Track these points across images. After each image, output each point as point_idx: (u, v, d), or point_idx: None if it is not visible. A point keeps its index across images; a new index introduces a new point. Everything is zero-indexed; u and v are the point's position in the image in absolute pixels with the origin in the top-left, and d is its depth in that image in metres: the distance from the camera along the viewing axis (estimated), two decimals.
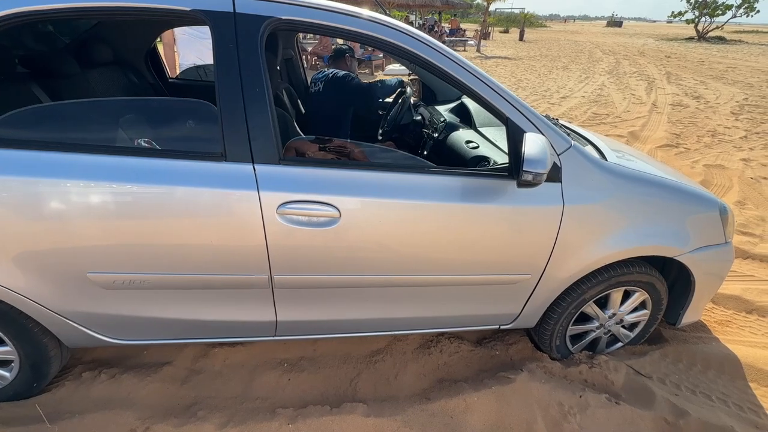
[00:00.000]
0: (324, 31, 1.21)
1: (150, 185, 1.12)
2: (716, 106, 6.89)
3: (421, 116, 2.30)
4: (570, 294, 1.53)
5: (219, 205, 1.16)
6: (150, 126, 1.29)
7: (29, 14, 1.05)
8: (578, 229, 1.37)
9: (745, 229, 2.93)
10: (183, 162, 1.14)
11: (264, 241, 1.20)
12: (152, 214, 1.14)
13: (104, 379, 1.52)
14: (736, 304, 2.17)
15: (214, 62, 1.12)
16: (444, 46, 1.29)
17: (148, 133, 1.26)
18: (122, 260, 1.18)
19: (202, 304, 1.32)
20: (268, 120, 1.15)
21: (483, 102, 1.28)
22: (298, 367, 1.67)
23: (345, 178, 1.23)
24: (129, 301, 1.27)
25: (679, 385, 1.66)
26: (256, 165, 1.16)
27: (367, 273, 1.33)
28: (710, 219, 1.56)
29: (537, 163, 1.13)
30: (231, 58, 1.12)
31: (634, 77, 9.99)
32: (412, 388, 1.62)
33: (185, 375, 1.60)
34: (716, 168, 4.12)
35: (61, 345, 1.39)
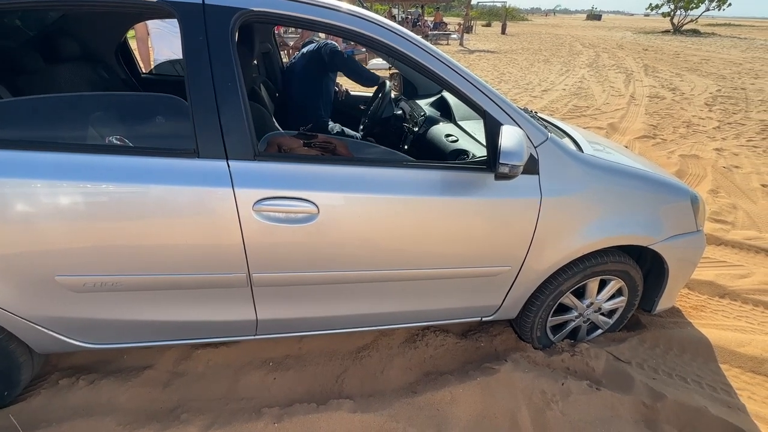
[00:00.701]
0: (299, 24, 1.19)
1: (120, 184, 1.09)
2: (691, 98, 7.08)
3: (401, 110, 2.30)
4: (549, 284, 1.56)
5: (192, 204, 1.13)
6: (119, 122, 1.25)
7: None
8: (556, 220, 1.40)
9: (718, 217, 3.03)
10: (154, 159, 1.11)
11: (241, 239, 1.18)
12: (122, 214, 1.11)
13: (82, 386, 1.48)
14: (709, 289, 2.25)
15: (183, 56, 1.09)
16: (422, 40, 1.28)
17: (118, 130, 1.22)
18: (92, 262, 1.14)
19: (179, 305, 1.29)
20: (242, 115, 1.12)
21: (461, 95, 1.28)
22: (284, 365, 1.66)
23: (322, 173, 1.21)
24: (101, 303, 1.23)
25: (656, 369, 1.71)
26: (230, 161, 1.13)
27: (348, 269, 1.32)
28: (682, 208, 1.60)
29: (513, 155, 1.14)
30: (201, 51, 1.08)
31: (613, 70, 10.18)
32: (398, 382, 1.63)
33: (167, 378, 1.57)
34: (691, 158, 4.25)
35: (32, 351, 1.34)
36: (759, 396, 1.62)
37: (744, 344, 1.83)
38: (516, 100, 6.77)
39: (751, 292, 2.20)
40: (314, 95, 2.44)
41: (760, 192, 3.49)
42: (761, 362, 1.74)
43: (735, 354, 1.79)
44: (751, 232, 2.83)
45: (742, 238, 2.74)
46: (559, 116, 5.79)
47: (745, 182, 3.68)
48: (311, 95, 2.43)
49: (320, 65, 2.40)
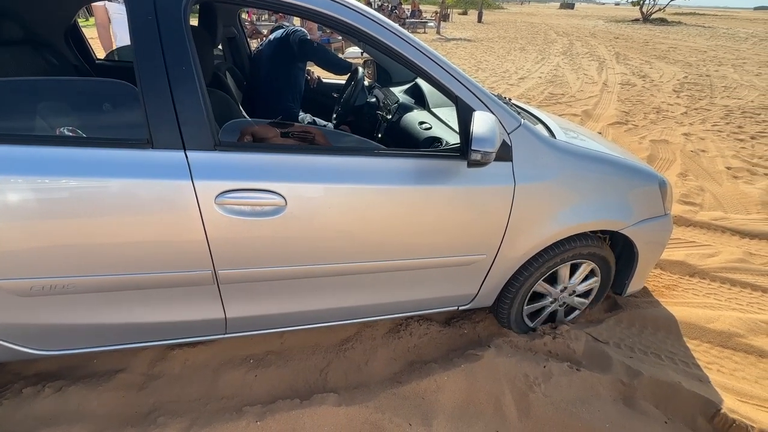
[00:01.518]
0: (263, 6, 1.11)
1: (68, 178, 1.00)
2: (660, 85, 7.30)
3: (375, 98, 2.25)
4: (524, 271, 1.57)
5: (149, 198, 1.06)
6: (65, 110, 1.15)
7: None
8: (530, 207, 1.39)
9: (687, 199, 3.14)
10: (104, 151, 1.03)
11: (203, 234, 1.11)
12: (70, 211, 1.02)
13: (49, 394, 1.39)
14: (680, 268, 2.33)
15: (131, 38, 1.00)
16: (396, 26, 1.23)
17: (64, 118, 1.12)
18: (39, 264, 1.06)
19: (141, 306, 1.22)
20: (199, 101, 1.04)
21: (433, 81, 1.24)
22: (265, 362, 1.62)
23: (289, 163, 1.16)
24: (52, 307, 1.15)
25: (632, 348, 1.77)
26: (188, 152, 1.06)
27: (320, 262, 1.28)
28: (651, 193, 1.64)
29: (485, 141, 1.11)
30: (151, 33, 1.00)
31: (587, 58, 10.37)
32: (383, 373, 1.61)
33: (142, 381, 1.50)
34: (661, 143, 4.38)
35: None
36: (727, 368, 1.70)
37: (713, 320, 1.91)
38: (493, 88, 6.80)
39: (719, 270, 2.30)
40: (283, 85, 2.34)
41: (725, 174, 3.64)
42: (729, 337, 1.83)
43: (705, 330, 1.87)
44: (718, 213, 2.95)
45: (710, 218, 2.86)
46: (535, 104, 5.85)
47: (711, 165, 3.84)
48: (280, 86, 2.33)
49: (288, 54, 2.29)
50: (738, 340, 1.81)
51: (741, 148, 4.27)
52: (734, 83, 7.43)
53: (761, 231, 2.69)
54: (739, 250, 2.48)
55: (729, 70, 8.74)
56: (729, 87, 7.14)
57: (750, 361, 1.73)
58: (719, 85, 7.27)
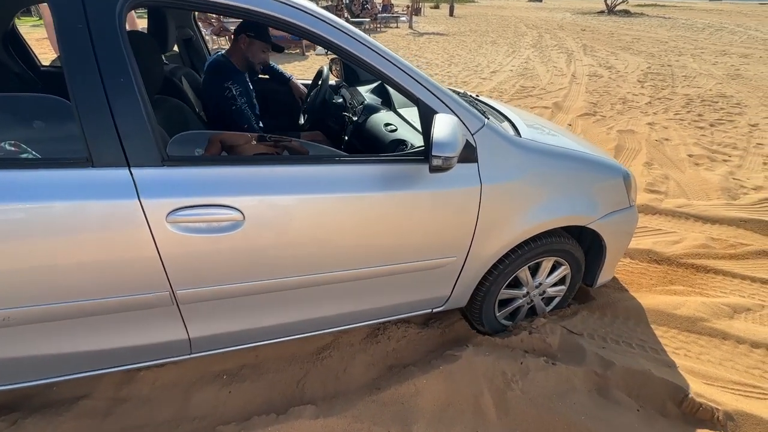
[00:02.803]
0: (203, 8, 1.04)
1: (5, 203, 0.93)
2: (625, 75, 7.53)
3: (342, 98, 2.20)
4: (495, 270, 1.58)
5: (94, 220, 0.99)
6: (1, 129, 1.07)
7: None
8: (498, 207, 1.39)
9: (652, 188, 3.25)
10: (43, 172, 0.96)
11: (156, 254, 1.06)
12: (10, 239, 0.95)
13: (3, 428, 1.30)
14: (648, 256, 2.41)
15: (59, 47, 0.92)
16: (349, 26, 1.19)
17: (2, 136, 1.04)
18: None
19: (97, 332, 1.15)
20: (141, 114, 0.98)
21: (393, 84, 1.21)
22: (239, 376, 1.57)
23: (245, 175, 1.11)
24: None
25: (605, 338, 1.81)
26: (132, 169, 1.00)
27: (284, 275, 1.24)
28: (616, 186, 1.67)
29: (446, 146, 1.09)
30: (81, 42, 0.92)
31: (555, 50, 10.57)
32: (361, 379, 1.59)
33: (107, 406, 1.42)
34: (627, 133, 4.52)
35: None
36: (693, 353, 1.77)
37: (679, 306, 1.98)
38: (466, 82, 6.84)
39: (684, 256, 2.39)
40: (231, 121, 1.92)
41: (687, 162, 3.79)
42: (694, 321, 1.90)
43: (671, 316, 1.93)
44: (681, 200, 3.07)
45: (674, 206, 2.96)
46: (507, 97, 5.92)
47: (675, 153, 3.98)
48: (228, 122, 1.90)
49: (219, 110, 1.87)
50: (703, 324, 1.88)
51: (701, 136, 4.45)
52: (693, 72, 7.75)
53: (722, 216, 2.81)
54: (702, 236, 2.59)
55: (689, 60, 9.10)
56: (689, 76, 7.43)
57: (714, 344, 1.80)
58: (680, 75, 7.56)
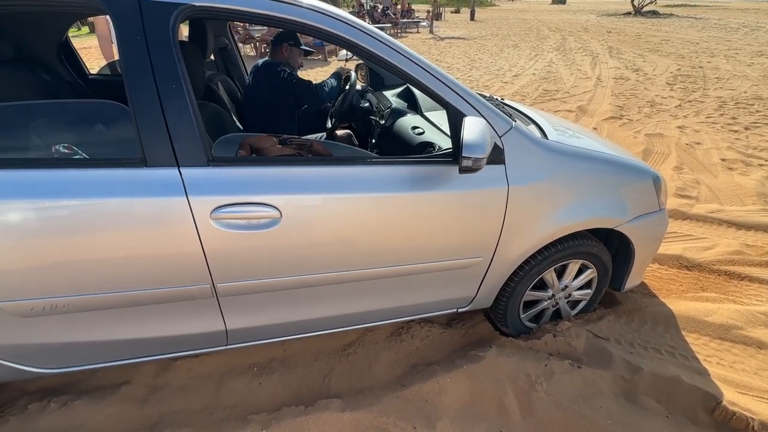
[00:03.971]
0: (247, 19, 1.12)
1: (64, 200, 1.01)
2: (653, 78, 7.33)
3: (368, 102, 2.26)
4: (521, 271, 1.58)
5: (145, 216, 1.07)
6: (61, 133, 1.16)
7: None
8: (524, 208, 1.41)
9: (683, 192, 3.16)
10: (100, 171, 1.04)
11: (201, 249, 1.13)
12: (69, 233, 1.04)
13: (54, 409, 1.40)
14: (678, 262, 2.35)
15: (120, 57, 1.01)
16: (382, 33, 1.24)
17: (61, 141, 1.13)
18: (39, 285, 1.07)
19: (142, 322, 1.23)
20: (191, 118, 1.06)
21: (422, 88, 1.26)
22: (269, 369, 1.63)
23: (283, 175, 1.17)
24: (54, 326, 1.16)
25: (632, 344, 1.78)
26: (182, 168, 1.07)
27: (317, 272, 1.29)
28: (645, 188, 1.65)
29: (476, 148, 1.12)
30: (140, 52, 1.01)
31: (580, 53, 10.40)
32: (386, 376, 1.63)
33: (146, 393, 1.51)
34: (656, 136, 4.40)
35: None
36: (726, 361, 1.72)
37: (711, 313, 1.92)
38: (488, 86, 6.82)
39: (716, 263, 2.32)
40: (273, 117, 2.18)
41: (720, 166, 3.66)
42: (727, 329, 1.84)
43: (703, 323, 1.88)
44: (714, 206, 2.97)
45: (706, 211, 2.87)
46: (530, 101, 5.87)
47: (707, 158, 3.86)
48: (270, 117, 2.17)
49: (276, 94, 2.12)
50: (736, 332, 1.82)
51: (735, 140, 4.29)
52: (727, 74, 7.46)
53: (757, 222, 2.71)
54: (735, 242, 2.50)
55: (722, 61, 8.77)
56: (722, 78, 7.17)
57: (749, 353, 1.75)
58: (712, 77, 7.30)
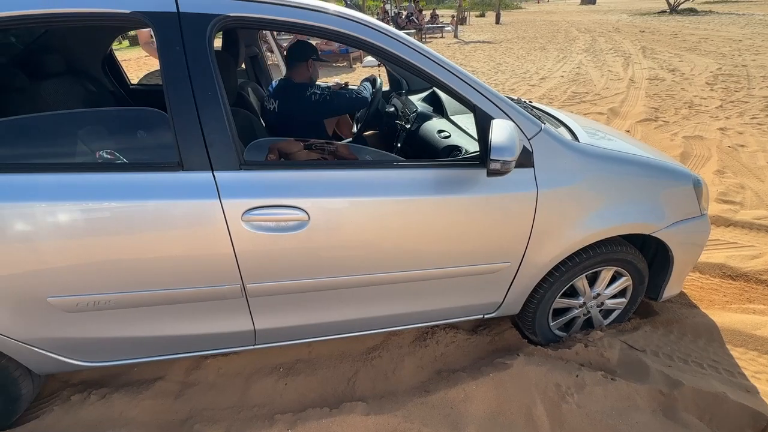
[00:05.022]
0: (281, 27, 1.16)
1: (106, 202, 1.07)
2: (691, 78, 6.99)
3: (394, 107, 2.27)
4: (550, 277, 1.54)
5: (180, 218, 1.11)
6: (106, 139, 1.23)
7: None
8: (554, 212, 1.37)
9: (725, 197, 2.98)
10: (139, 174, 1.09)
11: (232, 250, 1.16)
12: (111, 233, 1.09)
13: (94, 401, 1.48)
14: (721, 271, 2.21)
15: (161, 66, 1.06)
16: (408, 38, 1.25)
17: (107, 146, 1.20)
18: (84, 282, 1.13)
19: (174, 320, 1.28)
20: (225, 124, 1.10)
21: (450, 91, 1.25)
22: (295, 370, 1.65)
23: (311, 179, 1.19)
24: (96, 322, 1.22)
25: (671, 356, 1.69)
26: (215, 172, 1.11)
27: (344, 274, 1.30)
28: (684, 193, 1.57)
29: (504, 150, 1.10)
30: (178, 61, 1.06)
31: (611, 54, 10.06)
32: (410, 381, 1.61)
33: (179, 389, 1.56)
34: (695, 139, 4.19)
35: (30, 371, 1.33)
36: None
37: (759, 326, 1.80)
38: (514, 89, 6.71)
39: (764, 272, 2.16)
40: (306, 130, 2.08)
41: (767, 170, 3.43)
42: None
43: (751, 337, 1.76)
44: (761, 212, 2.78)
45: (752, 218, 2.70)
46: (558, 104, 5.73)
47: (752, 161, 3.63)
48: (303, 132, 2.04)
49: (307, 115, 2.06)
50: None
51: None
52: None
53: None
54: None
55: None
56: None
57: None
58: (757, 76, 6.88)
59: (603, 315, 1.82)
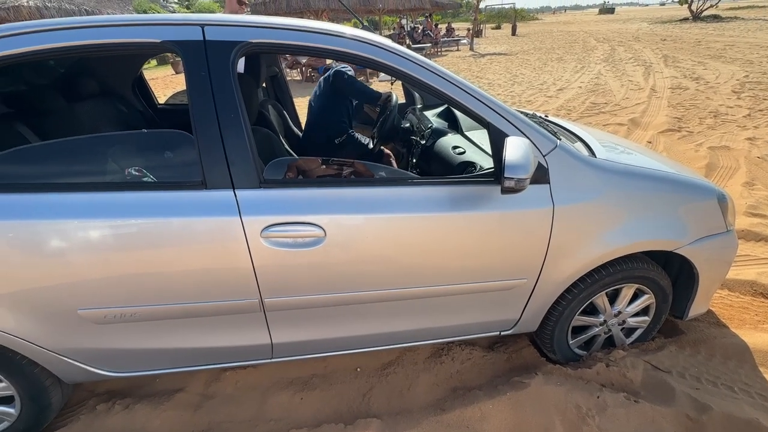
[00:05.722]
0: (300, 51, 1.21)
1: (134, 219, 1.13)
2: (716, 86, 6.79)
3: (409, 123, 2.30)
4: (569, 294, 1.51)
5: (203, 234, 1.16)
6: (136, 159, 1.31)
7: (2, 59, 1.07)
8: (571, 229, 1.35)
9: (755, 211, 2.87)
10: (165, 193, 1.15)
11: (251, 265, 1.20)
12: (138, 248, 1.15)
13: (118, 410, 1.53)
14: (752, 289, 2.12)
15: (187, 90, 1.13)
16: (421, 57, 1.28)
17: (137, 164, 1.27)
18: (112, 295, 1.19)
19: (195, 333, 1.32)
20: (246, 144, 1.15)
21: (463, 108, 1.27)
22: (310, 385, 1.66)
23: (327, 196, 1.22)
24: (122, 334, 1.27)
25: (699, 378, 1.62)
26: (236, 190, 1.16)
27: (360, 290, 1.32)
28: (708, 208, 1.53)
29: (518, 168, 1.11)
30: (204, 85, 1.12)
31: (631, 63, 9.90)
32: (425, 399, 1.60)
33: (198, 401, 1.60)
34: (721, 149, 4.05)
35: (60, 380, 1.39)
36: None
37: None
38: (530, 101, 6.67)
39: None
40: (331, 113, 2.50)
41: None
42: None
43: None
44: None
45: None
46: (576, 115, 5.66)
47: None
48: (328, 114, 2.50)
49: (332, 92, 2.47)
50: None
51: None
52: None
53: None
54: None
55: None
56: None
57: None
58: None
59: (625, 333, 1.76)
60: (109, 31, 1.11)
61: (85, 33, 1.10)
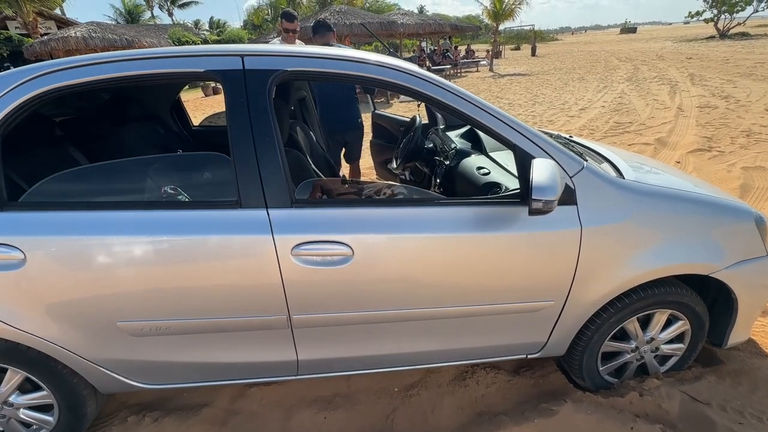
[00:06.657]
0: (331, 78, 1.28)
1: (172, 237, 1.20)
2: (748, 105, 6.59)
3: (432, 144, 2.34)
4: (598, 318, 1.47)
5: (236, 251, 1.21)
6: (174, 180, 1.39)
7: (55, 90, 1.17)
8: (600, 251, 1.34)
9: None
10: (202, 212, 1.22)
11: (281, 282, 1.24)
12: (176, 264, 1.21)
13: (148, 423, 1.56)
14: None
15: (227, 115, 1.21)
16: (445, 81, 1.32)
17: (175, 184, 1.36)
18: (150, 308, 1.25)
19: (225, 347, 1.36)
20: (279, 167, 1.21)
21: (489, 131, 1.30)
22: (333, 404, 1.66)
23: (355, 216, 1.26)
24: (156, 347, 1.32)
25: (742, 412, 1.52)
26: (269, 210, 1.21)
27: (385, 308, 1.33)
28: (745, 230, 1.48)
29: (546, 190, 1.12)
30: (242, 111, 1.20)
31: (655, 82, 9.76)
32: (449, 423, 1.57)
33: (224, 416, 1.62)
34: (756, 170, 3.90)
35: (95, 390, 1.44)
36: None
37: None
38: (552, 121, 6.65)
39: None
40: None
41: None
42: None
43: None
44: None
45: None
46: (599, 134, 5.59)
47: None
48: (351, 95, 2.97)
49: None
50: None
51: None
52: None
53: None
54: None
55: None
56: None
57: None
58: None
59: (659, 361, 1.69)
60: (160, 62, 1.22)
61: (139, 64, 1.21)
